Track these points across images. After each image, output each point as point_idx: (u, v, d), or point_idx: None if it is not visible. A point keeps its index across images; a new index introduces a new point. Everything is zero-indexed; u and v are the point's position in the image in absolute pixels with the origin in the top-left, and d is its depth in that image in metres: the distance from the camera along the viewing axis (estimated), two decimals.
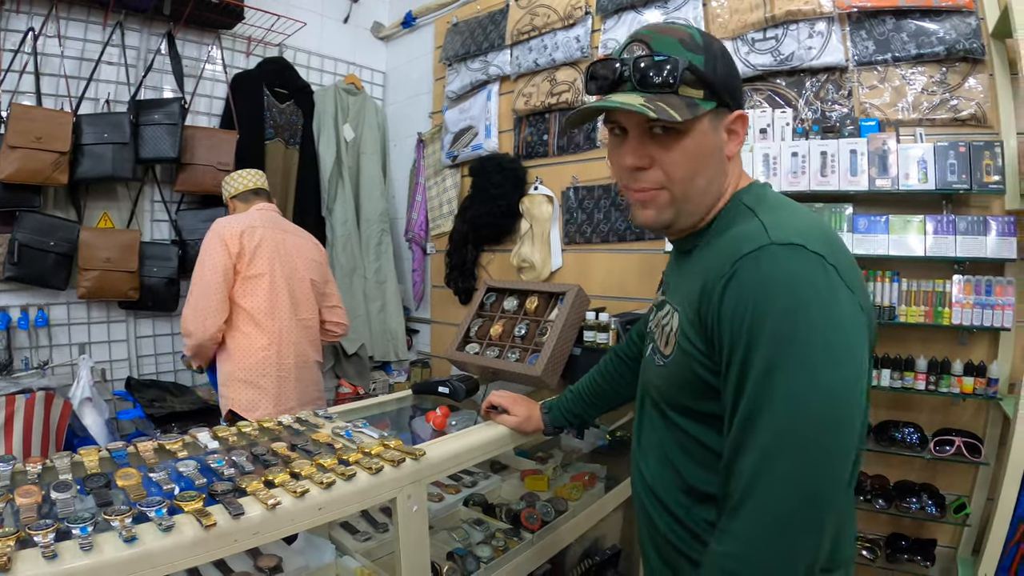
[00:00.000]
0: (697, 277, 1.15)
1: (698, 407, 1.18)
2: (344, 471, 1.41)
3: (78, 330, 3.59)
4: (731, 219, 1.19)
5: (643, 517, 1.38)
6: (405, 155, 4.97)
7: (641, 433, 1.42)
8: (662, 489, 1.29)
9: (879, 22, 2.71)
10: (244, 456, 1.49)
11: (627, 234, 3.44)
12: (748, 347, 1.01)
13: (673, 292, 1.31)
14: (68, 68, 3.45)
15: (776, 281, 1.00)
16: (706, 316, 1.09)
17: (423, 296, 4.87)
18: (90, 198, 3.60)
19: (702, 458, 1.20)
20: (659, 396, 1.29)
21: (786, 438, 0.97)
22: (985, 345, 2.57)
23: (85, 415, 3.19)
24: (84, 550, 1.03)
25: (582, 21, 3.59)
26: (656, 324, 1.35)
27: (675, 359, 1.20)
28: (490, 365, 2.88)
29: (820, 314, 0.98)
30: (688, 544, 1.23)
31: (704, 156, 1.17)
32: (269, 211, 3.11)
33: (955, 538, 2.65)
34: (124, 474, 1.31)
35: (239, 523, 1.19)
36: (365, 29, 5.09)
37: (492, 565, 2.01)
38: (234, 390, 2.88)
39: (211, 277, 2.80)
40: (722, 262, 1.07)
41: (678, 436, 1.25)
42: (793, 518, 0.98)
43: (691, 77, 1.13)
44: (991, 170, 2.37)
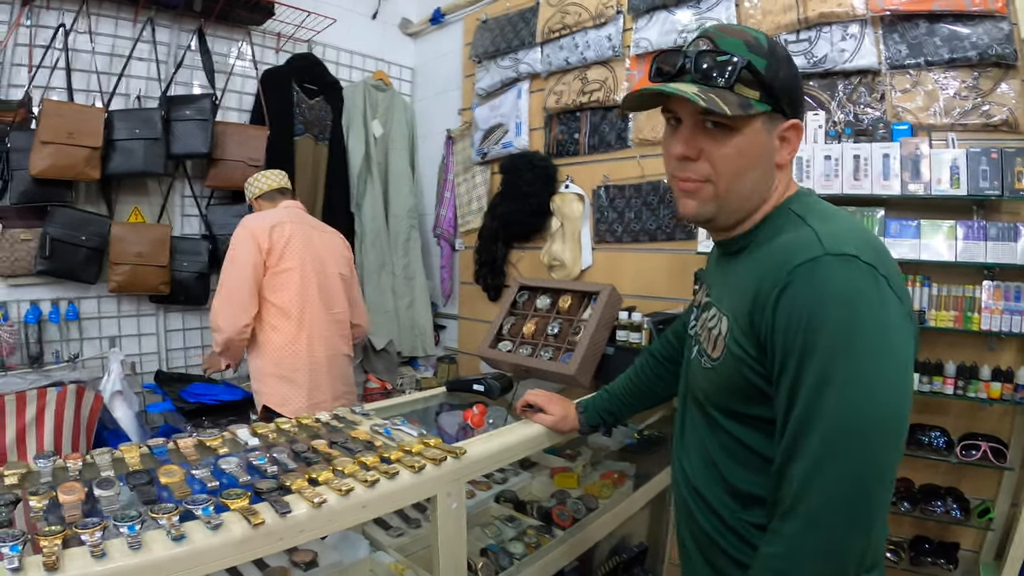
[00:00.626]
0: (748, 282, 1.17)
1: (745, 410, 1.20)
2: (387, 469, 1.41)
3: (108, 323, 3.62)
4: (780, 225, 1.20)
5: (685, 514, 1.40)
6: (434, 151, 4.95)
7: (684, 432, 1.43)
8: (706, 489, 1.31)
9: (912, 26, 2.69)
10: (285, 453, 1.49)
11: (658, 234, 3.42)
12: (802, 357, 1.03)
13: (720, 295, 1.32)
14: (99, 64, 3.47)
15: (830, 293, 1.02)
16: (759, 323, 1.11)
17: (451, 292, 4.88)
18: (121, 193, 3.62)
19: (746, 460, 1.22)
20: (705, 398, 1.30)
21: (837, 447, 1.00)
22: (1014, 351, 2.55)
23: (116, 408, 3.21)
24: (133, 548, 1.02)
25: (614, 20, 3.57)
26: (702, 326, 1.36)
27: (724, 363, 1.21)
28: (523, 363, 2.87)
29: (872, 327, 1.01)
30: (732, 544, 1.25)
31: (753, 157, 1.18)
32: (295, 208, 3.13)
33: (978, 542, 2.64)
34: (167, 471, 1.31)
35: (286, 521, 1.18)
36: (393, 25, 5.09)
37: (525, 561, 2.01)
38: (267, 385, 2.90)
39: (241, 272, 2.83)
40: (776, 270, 1.09)
41: (722, 438, 1.26)
42: (842, 523, 1.01)
43: (749, 77, 1.14)
44: (1022, 176, 2.34)
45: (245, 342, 2.92)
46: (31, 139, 3.11)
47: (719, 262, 1.40)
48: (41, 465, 1.33)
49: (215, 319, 2.86)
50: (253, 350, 2.96)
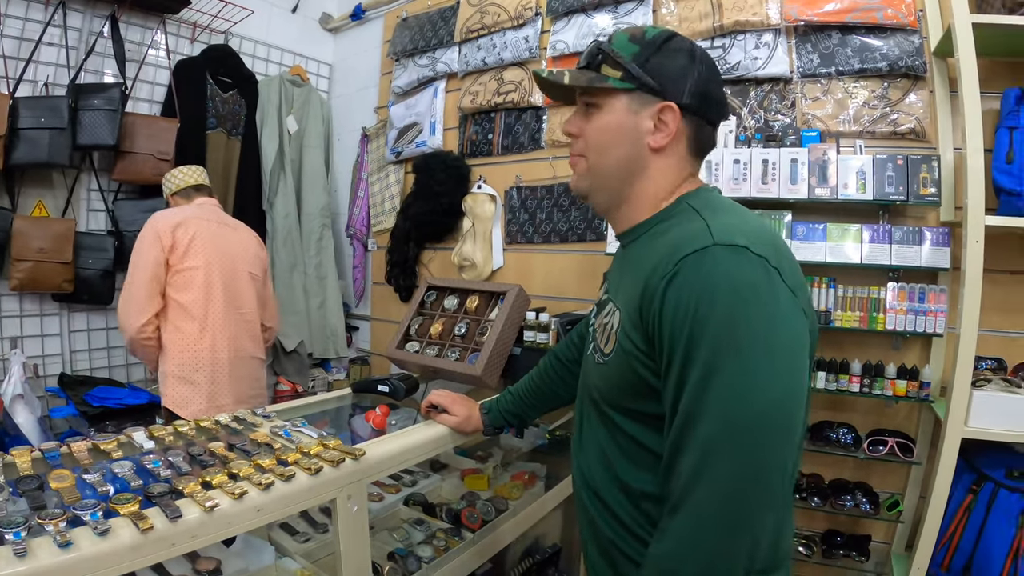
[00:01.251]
0: (638, 274, 1.16)
1: (637, 407, 1.19)
2: (283, 472, 1.41)
3: (9, 323, 3.48)
4: (674, 218, 1.22)
5: (583, 515, 1.40)
6: (349, 149, 4.93)
7: (581, 431, 1.43)
8: (602, 487, 1.30)
9: (825, 36, 2.79)
10: (181, 456, 1.47)
11: (568, 235, 3.47)
12: (688, 348, 1.02)
13: (615, 289, 1.32)
14: (7, 48, 3.35)
15: (718, 283, 1.01)
16: (647, 316, 1.10)
17: (363, 293, 4.85)
18: (25, 185, 3.49)
19: (640, 458, 1.21)
20: (599, 395, 1.30)
21: (723, 441, 0.99)
22: (918, 350, 2.69)
23: (17, 413, 3.10)
24: (18, 556, 1.01)
25: (532, 22, 3.61)
26: (599, 323, 1.36)
27: (615, 358, 1.21)
28: (430, 364, 2.89)
29: (761, 318, 1.01)
30: (627, 542, 1.25)
31: (615, 132, 1.25)
32: (209, 205, 3.08)
33: (889, 534, 2.76)
34: (58, 476, 1.28)
35: (176, 526, 1.18)
36: (313, 20, 5.03)
37: (433, 565, 2.01)
38: (168, 386, 2.86)
39: (142, 270, 2.79)
40: (664, 260, 1.08)
41: (616, 435, 1.26)
42: (729, 519, 1.00)
43: (611, 60, 1.24)
44: (927, 183, 2.47)
45: (150, 342, 2.85)
46: None
47: (618, 257, 1.43)
48: None
49: (119, 318, 2.82)
50: (159, 351, 2.90)
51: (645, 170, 1.26)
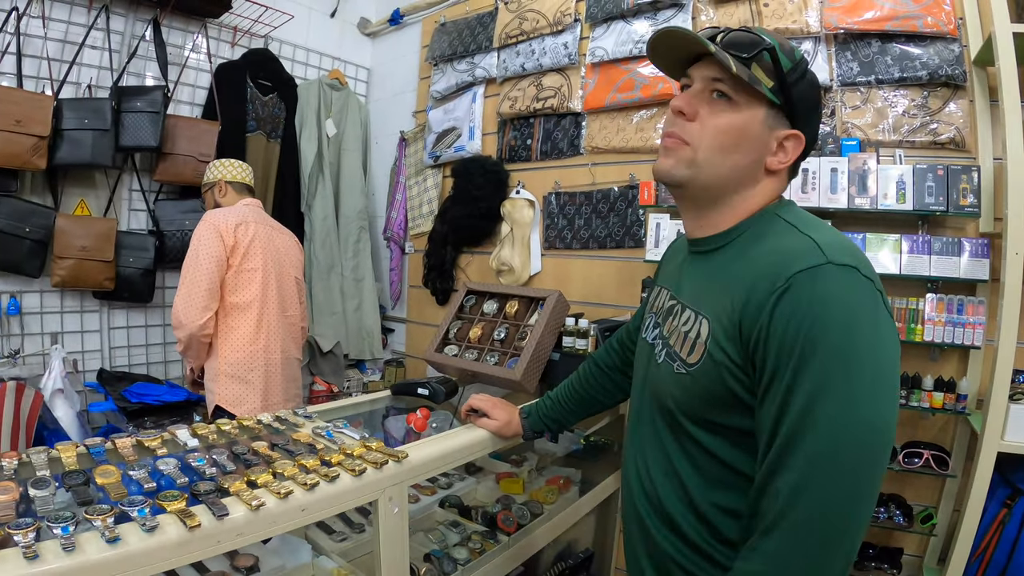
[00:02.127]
0: (735, 284, 1.14)
1: (721, 420, 1.16)
2: (327, 472, 1.40)
3: (51, 319, 3.54)
4: (765, 230, 1.20)
5: (637, 525, 1.36)
6: (386, 153, 4.95)
7: (642, 444, 1.38)
8: (666, 500, 1.27)
9: (864, 44, 2.75)
10: (225, 455, 1.48)
11: (607, 241, 3.46)
12: (798, 365, 1.01)
13: (695, 296, 1.27)
14: (51, 50, 3.40)
15: (832, 302, 1.00)
16: (750, 329, 1.08)
17: (400, 295, 4.86)
18: (68, 184, 3.55)
19: (715, 472, 1.19)
20: (676, 406, 1.24)
21: (827, 463, 0.98)
22: (955, 362, 2.63)
23: (56, 407, 3.14)
24: (66, 550, 1.01)
25: (571, 28, 3.60)
26: (671, 330, 1.31)
27: (703, 368, 1.16)
28: (469, 368, 2.88)
29: (870, 344, 1.00)
30: (695, 562, 1.22)
31: (742, 139, 1.19)
32: (256, 207, 3.12)
33: (921, 547, 2.70)
34: (103, 471, 1.29)
35: (223, 524, 1.18)
36: (352, 24, 5.06)
37: (469, 567, 2.01)
38: (221, 384, 2.90)
39: (205, 267, 2.82)
40: (772, 274, 1.07)
41: (689, 448, 1.23)
42: (825, 542, 0.99)
43: (768, 63, 1.17)
44: (967, 193, 2.42)
45: (207, 340, 2.91)
46: None
47: (689, 262, 1.36)
48: None
49: (176, 315, 2.84)
50: (209, 349, 2.93)
51: (755, 185, 1.24)
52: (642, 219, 3.29)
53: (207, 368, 2.97)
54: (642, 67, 3.27)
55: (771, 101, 1.18)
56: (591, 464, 2.84)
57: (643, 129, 3.28)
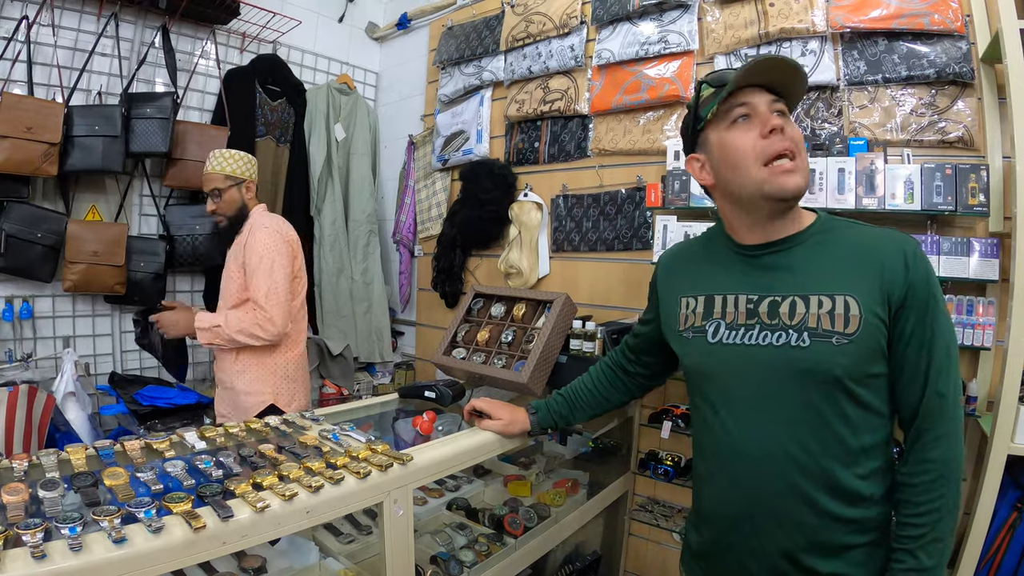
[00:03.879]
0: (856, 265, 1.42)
1: (875, 370, 1.40)
2: (332, 475, 1.42)
3: (63, 323, 3.57)
4: (831, 227, 1.51)
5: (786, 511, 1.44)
6: (395, 157, 4.95)
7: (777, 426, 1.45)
8: (824, 463, 1.40)
9: (871, 43, 2.73)
10: (231, 457, 1.49)
11: (615, 243, 3.45)
12: (931, 306, 1.37)
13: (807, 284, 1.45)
14: (61, 58, 3.43)
15: (931, 266, 1.41)
16: (895, 290, 1.37)
17: (409, 298, 4.86)
18: (79, 190, 3.58)
19: (864, 421, 1.41)
20: (844, 372, 1.38)
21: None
22: (965, 364, 2.57)
23: (68, 410, 3.17)
24: (73, 550, 1.03)
25: (577, 30, 3.60)
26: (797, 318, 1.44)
27: (864, 333, 1.37)
28: (476, 370, 2.89)
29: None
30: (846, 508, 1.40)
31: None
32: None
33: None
34: (112, 473, 1.31)
35: (228, 525, 1.19)
36: (360, 29, 5.08)
37: (475, 569, 2.02)
38: (276, 385, 3.02)
39: (285, 275, 2.95)
40: (893, 252, 1.40)
41: (847, 408, 1.40)
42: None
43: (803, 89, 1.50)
44: (976, 192, 2.40)
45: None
46: None
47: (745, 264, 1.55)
48: None
49: (275, 320, 2.90)
50: (261, 351, 3.00)
51: None
52: (649, 221, 3.29)
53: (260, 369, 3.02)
54: (648, 68, 3.27)
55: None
56: (599, 467, 2.84)
57: (650, 131, 3.28)
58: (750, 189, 1.45)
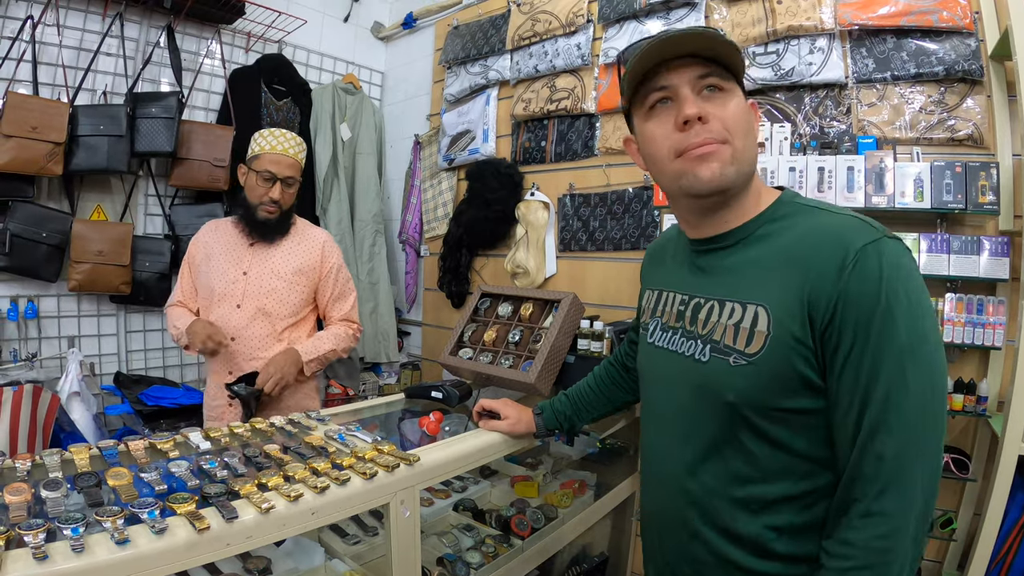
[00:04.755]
0: (785, 269, 1.17)
1: (788, 404, 1.16)
2: (338, 475, 1.40)
3: (68, 323, 3.56)
4: (787, 216, 1.24)
5: (678, 537, 1.34)
6: (401, 156, 4.95)
7: (681, 446, 1.33)
8: (721, 502, 1.25)
9: (880, 40, 2.72)
10: (237, 458, 1.48)
11: (622, 243, 3.44)
12: (881, 331, 1.06)
13: (729, 289, 1.26)
14: (66, 58, 3.43)
15: (901, 271, 1.08)
16: (821, 306, 1.11)
17: (415, 298, 4.86)
18: (84, 190, 3.58)
19: (778, 463, 1.19)
20: (739, 398, 1.20)
21: (924, 418, 1.06)
22: (975, 363, 2.58)
23: (73, 409, 3.16)
24: (75, 551, 1.02)
25: (584, 29, 3.59)
26: (707, 326, 1.29)
27: (769, 354, 1.16)
28: (483, 371, 2.87)
29: (928, 304, 1.11)
30: (748, 559, 1.22)
31: (750, 118, 1.25)
32: None
33: (941, 553, 2.65)
34: (115, 473, 1.29)
35: (232, 527, 1.18)
36: (365, 29, 5.08)
37: (482, 571, 2.00)
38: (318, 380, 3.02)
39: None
40: (833, 250, 1.11)
41: (750, 443, 1.21)
42: (932, 487, 1.07)
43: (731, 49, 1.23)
44: (986, 191, 2.39)
45: None
46: None
47: (698, 260, 1.36)
48: None
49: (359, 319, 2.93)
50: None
51: (756, 160, 1.29)
52: (657, 220, 3.27)
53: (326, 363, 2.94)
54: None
55: (739, 78, 1.25)
56: (607, 467, 2.82)
57: None
58: (669, 186, 1.30)
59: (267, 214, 2.66)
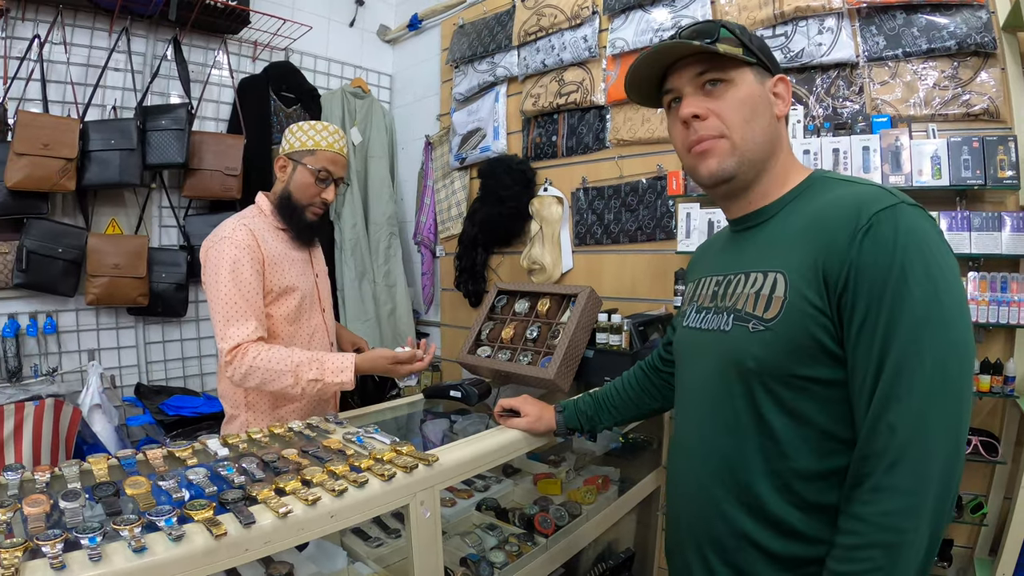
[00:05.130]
0: (805, 236, 1.19)
1: (807, 372, 1.15)
2: (356, 478, 1.40)
3: (87, 336, 3.58)
4: (816, 190, 1.27)
5: (703, 516, 1.32)
6: (413, 158, 4.95)
7: (705, 423, 1.34)
8: (744, 477, 1.23)
9: (889, 17, 2.68)
10: (255, 463, 1.48)
11: (638, 234, 3.42)
12: (895, 298, 1.05)
13: (755, 261, 1.29)
14: (74, 75, 3.45)
15: (917, 237, 1.06)
16: (835, 271, 1.11)
17: (433, 299, 4.85)
18: (98, 204, 3.59)
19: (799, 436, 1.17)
20: (758, 365, 1.20)
21: (940, 389, 1.02)
22: (1001, 343, 2.53)
23: (95, 422, 3.19)
24: (93, 560, 1.02)
25: (589, 21, 3.57)
26: (732, 298, 1.31)
27: (785, 320, 1.16)
28: (502, 368, 2.86)
29: (950, 272, 1.07)
30: (771, 535, 1.20)
31: (755, 104, 1.27)
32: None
33: (972, 538, 2.60)
34: (133, 482, 1.30)
35: (250, 532, 1.17)
36: (371, 32, 5.08)
37: (506, 570, 2.00)
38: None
39: None
40: (849, 216, 1.11)
41: (772, 414, 1.20)
42: (952, 467, 1.02)
43: (728, 35, 1.26)
44: (1005, 165, 2.34)
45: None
46: (6, 151, 3.09)
47: (736, 240, 1.40)
48: (9, 477, 1.33)
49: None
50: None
51: (780, 139, 1.32)
52: (672, 210, 3.25)
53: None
54: None
55: (748, 62, 1.27)
56: (630, 462, 2.81)
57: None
58: (691, 175, 1.37)
59: (315, 216, 2.42)
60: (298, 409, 2.36)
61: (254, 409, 2.33)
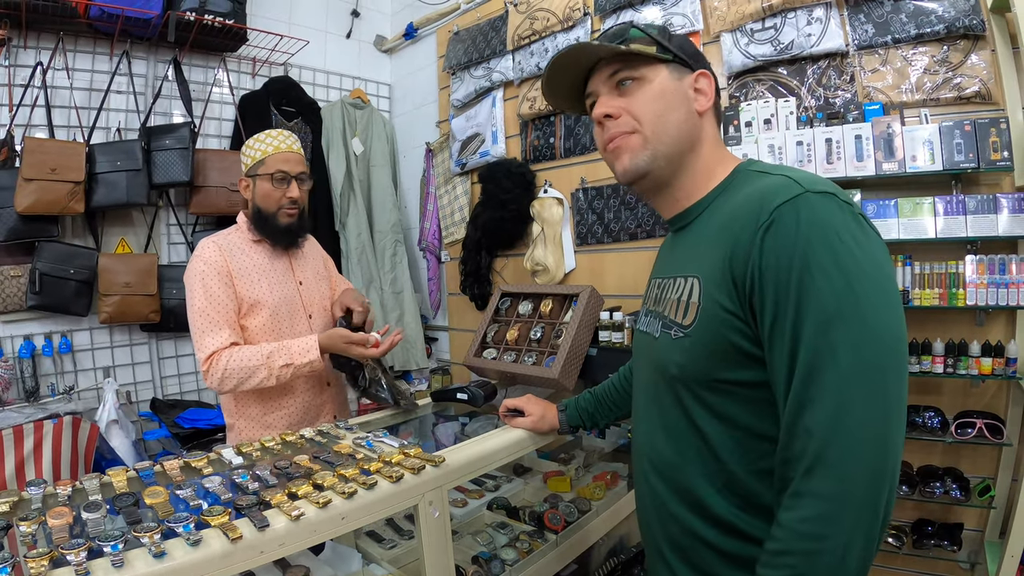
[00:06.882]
0: (717, 236, 1.17)
1: (728, 376, 1.13)
2: (365, 480, 1.44)
3: (102, 354, 3.64)
4: (740, 184, 1.23)
5: (658, 517, 1.33)
6: (415, 165, 4.99)
7: (652, 426, 1.34)
8: (686, 480, 1.23)
9: (877, 4, 2.70)
10: (268, 470, 1.52)
11: (638, 232, 3.45)
12: (800, 295, 1.00)
13: (678, 266, 1.30)
14: (78, 99, 3.51)
15: (820, 228, 1.01)
16: (741, 271, 1.08)
17: (440, 304, 4.89)
18: (107, 225, 3.65)
19: (732, 439, 1.16)
20: (680, 372, 1.20)
21: (855, 388, 0.96)
22: (1002, 324, 2.55)
23: (112, 437, 3.24)
24: (116, 566, 1.06)
25: (581, 22, 3.60)
26: (657, 302, 1.35)
27: (700, 325, 1.15)
28: (508, 369, 2.90)
29: (866, 260, 1.00)
30: (719, 538, 1.19)
31: (669, 99, 1.27)
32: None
33: (981, 521, 2.61)
34: (152, 492, 1.34)
35: (264, 535, 1.22)
36: (368, 43, 5.12)
37: (517, 567, 2.03)
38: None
39: None
40: (752, 213, 1.08)
41: (701, 418, 1.19)
42: (874, 468, 0.96)
43: (640, 35, 1.27)
44: (998, 147, 2.35)
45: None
46: (15, 177, 3.15)
47: (673, 242, 1.41)
48: (32, 492, 1.37)
49: None
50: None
51: (700, 133, 1.30)
52: None
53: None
54: None
55: (663, 59, 1.27)
56: None
57: None
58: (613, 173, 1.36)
59: (289, 217, 2.45)
60: (288, 415, 2.44)
61: (246, 417, 2.42)
